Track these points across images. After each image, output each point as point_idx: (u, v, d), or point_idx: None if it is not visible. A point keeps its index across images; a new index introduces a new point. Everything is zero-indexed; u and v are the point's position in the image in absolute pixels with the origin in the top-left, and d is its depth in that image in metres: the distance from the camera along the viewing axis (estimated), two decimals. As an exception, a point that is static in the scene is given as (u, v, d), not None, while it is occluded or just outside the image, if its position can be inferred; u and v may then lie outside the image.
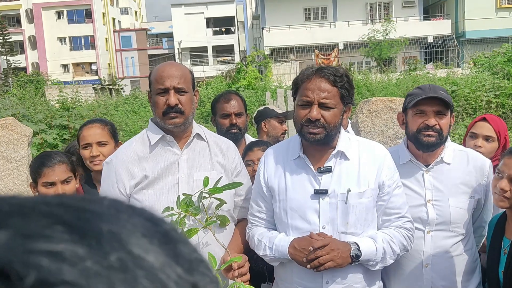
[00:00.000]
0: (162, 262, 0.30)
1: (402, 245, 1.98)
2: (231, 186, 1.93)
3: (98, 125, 2.58)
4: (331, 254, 1.84)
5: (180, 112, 1.98)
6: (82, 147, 2.53)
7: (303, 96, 1.89)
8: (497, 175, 2.06)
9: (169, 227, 0.34)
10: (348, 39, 30.45)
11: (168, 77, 1.98)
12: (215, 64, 40.81)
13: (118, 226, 0.30)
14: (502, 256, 2.04)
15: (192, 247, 0.34)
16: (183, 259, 0.32)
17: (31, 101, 13.07)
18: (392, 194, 1.99)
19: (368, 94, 13.57)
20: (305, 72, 1.93)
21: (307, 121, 1.88)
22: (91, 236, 0.29)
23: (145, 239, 0.31)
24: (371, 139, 2.93)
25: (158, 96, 1.99)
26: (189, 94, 2.02)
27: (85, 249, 0.28)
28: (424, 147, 2.13)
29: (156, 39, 51.81)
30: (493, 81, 11.61)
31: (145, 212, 0.34)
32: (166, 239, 0.32)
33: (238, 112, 2.91)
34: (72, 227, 0.29)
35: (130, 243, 0.30)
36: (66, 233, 0.28)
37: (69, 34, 46.17)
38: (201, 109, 15.02)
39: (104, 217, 0.31)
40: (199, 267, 0.33)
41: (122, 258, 0.28)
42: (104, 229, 0.30)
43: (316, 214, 1.93)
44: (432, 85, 2.20)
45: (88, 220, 0.30)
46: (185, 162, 2.05)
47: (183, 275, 0.30)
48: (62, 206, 0.31)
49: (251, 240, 2.09)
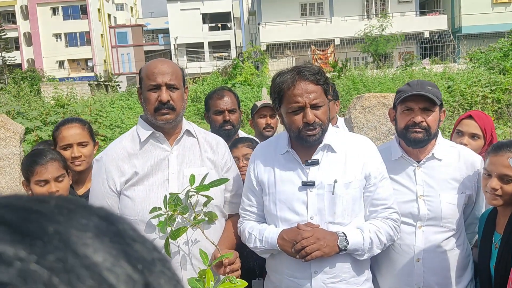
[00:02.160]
0: (111, 261, 0.29)
1: (388, 235, 2.01)
2: (218, 182, 1.93)
3: (77, 125, 2.52)
4: (317, 244, 1.87)
5: (171, 109, 1.99)
6: (62, 148, 2.47)
7: (293, 103, 1.91)
8: (485, 175, 2.06)
9: (126, 226, 0.33)
10: (344, 34, 30.45)
11: (160, 74, 1.98)
12: (212, 60, 40.76)
13: (66, 226, 0.30)
14: (493, 251, 2.05)
15: (151, 246, 0.33)
16: (136, 259, 0.31)
17: (26, 98, 13.02)
18: (378, 186, 2.02)
19: (364, 90, 13.57)
20: (284, 79, 1.93)
21: (305, 126, 1.91)
22: (34, 236, 0.28)
23: (95, 239, 0.30)
24: (364, 135, 2.93)
25: (150, 93, 1.99)
26: (180, 91, 2.03)
27: (26, 249, 0.27)
28: (412, 144, 2.15)
29: (152, 35, 51.67)
30: (489, 76, 11.64)
31: (102, 211, 0.33)
32: (119, 238, 0.31)
33: (231, 108, 2.90)
34: (14, 227, 0.28)
35: (76, 243, 0.29)
36: (8, 234, 0.27)
37: (64, 31, 45.98)
38: (197, 105, 15.00)
39: (51, 217, 0.30)
40: (155, 267, 0.32)
41: (65, 258, 0.27)
42: (50, 229, 0.29)
43: (304, 205, 1.97)
44: (421, 81, 2.20)
45: (33, 220, 0.29)
46: (175, 159, 2.05)
47: (134, 275, 0.29)
48: (7, 207, 0.30)
49: (242, 234, 2.13)
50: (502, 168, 1.96)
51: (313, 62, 25.79)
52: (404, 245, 2.17)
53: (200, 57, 43.19)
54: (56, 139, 2.51)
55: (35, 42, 45.37)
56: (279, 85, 1.94)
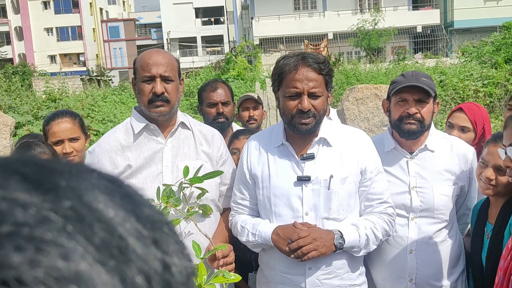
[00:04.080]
0: (122, 217, 0.30)
1: (384, 230, 2.01)
2: (212, 175, 1.90)
3: (68, 119, 2.46)
4: (314, 244, 1.85)
5: (166, 101, 1.96)
6: (52, 143, 2.42)
7: (291, 88, 1.88)
8: (481, 163, 2.07)
9: (134, 191, 0.34)
10: (337, 29, 30.43)
11: (155, 65, 1.94)
12: (205, 55, 40.59)
13: (77, 182, 0.30)
14: (485, 241, 2.06)
15: (157, 211, 0.34)
16: (145, 218, 0.31)
17: (17, 92, 12.91)
18: (374, 180, 2.00)
19: (357, 84, 13.58)
20: (287, 62, 1.90)
21: (299, 112, 1.87)
22: (48, 187, 0.29)
23: (105, 196, 0.31)
24: (357, 126, 2.92)
25: (144, 84, 1.96)
26: (175, 83, 2.00)
27: (39, 197, 0.28)
28: (406, 135, 2.14)
29: (144, 29, 51.34)
30: (481, 70, 11.70)
31: (110, 176, 0.34)
32: (128, 199, 0.32)
33: (224, 101, 2.88)
34: (28, 178, 0.29)
35: (88, 197, 0.30)
36: (22, 183, 0.28)
37: (56, 25, 45.55)
38: (190, 99, 14.95)
39: (63, 173, 0.31)
40: (162, 228, 0.32)
41: (78, 208, 0.28)
42: (62, 183, 0.30)
43: (299, 200, 1.94)
44: (416, 72, 2.19)
45: (46, 174, 0.30)
46: (169, 151, 2.02)
47: (143, 231, 0.30)
48: (22, 161, 0.31)
49: (234, 227, 2.10)
50: (498, 159, 1.97)
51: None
52: (397, 237, 2.17)
53: (193, 52, 42.98)
54: (47, 134, 2.46)
55: (26, 37, 44.94)
56: (281, 67, 1.91)
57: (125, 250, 0.28)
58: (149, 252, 0.30)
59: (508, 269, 1.49)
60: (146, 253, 0.29)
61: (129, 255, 0.28)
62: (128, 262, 0.28)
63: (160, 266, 0.30)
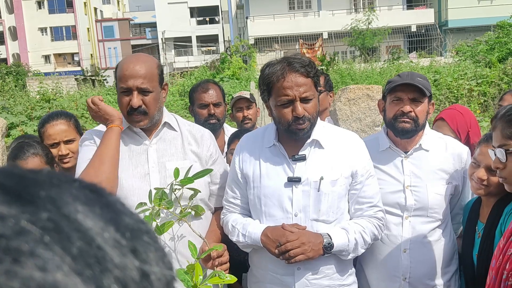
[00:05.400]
0: (100, 227, 0.30)
1: (373, 234, 2.00)
2: (201, 174, 1.90)
3: (63, 121, 2.44)
4: (301, 248, 1.85)
5: (143, 114, 1.94)
6: (48, 145, 2.40)
7: (283, 96, 1.86)
8: (473, 164, 2.08)
9: (115, 199, 0.34)
10: (332, 28, 30.45)
11: (131, 77, 1.89)
12: (200, 54, 40.52)
13: (58, 193, 0.31)
14: (476, 240, 2.07)
15: (138, 219, 0.34)
16: (124, 227, 0.32)
17: (11, 92, 12.85)
18: (365, 184, 2.00)
19: (352, 84, 13.59)
20: (273, 70, 1.87)
21: (295, 119, 1.87)
22: (27, 198, 0.29)
23: (85, 206, 0.31)
24: (349, 127, 2.93)
25: (122, 95, 1.94)
26: (154, 94, 1.94)
27: (18, 209, 0.28)
28: (400, 134, 2.15)
29: (139, 29, 51.19)
30: (475, 69, 11.74)
31: (92, 185, 0.34)
32: (108, 209, 0.32)
33: (216, 102, 2.87)
34: (7, 190, 0.29)
35: (67, 208, 0.30)
36: (1, 195, 0.29)
37: (50, 24, 45.34)
38: (185, 99, 14.91)
39: (43, 185, 0.31)
40: (142, 236, 0.33)
41: (56, 219, 0.28)
42: (42, 194, 0.30)
43: (289, 201, 1.94)
44: (411, 72, 2.21)
45: (26, 185, 0.30)
46: (154, 152, 2.02)
47: (122, 240, 0.31)
48: (1, 173, 0.32)
49: (225, 226, 2.10)
50: (490, 159, 1.98)
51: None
52: (391, 236, 2.18)
53: (188, 51, 42.89)
54: (42, 136, 2.44)
55: (20, 37, 44.71)
56: (268, 77, 1.88)
57: (102, 259, 0.28)
58: (127, 261, 0.30)
59: (500, 269, 1.50)
60: (123, 262, 0.30)
61: (106, 265, 0.28)
62: (105, 271, 0.28)
63: (138, 275, 0.30)
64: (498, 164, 1.66)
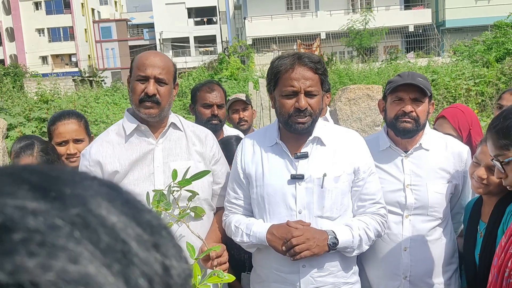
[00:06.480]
0: (124, 222, 0.31)
1: (376, 231, 2.02)
2: (199, 175, 1.89)
3: (74, 120, 2.47)
4: (307, 244, 1.86)
5: (156, 103, 1.97)
6: (57, 144, 2.43)
7: (288, 86, 1.89)
8: (474, 163, 2.08)
9: (133, 197, 0.35)
10: (330, 28, 30.48)
11: (151, 66, 1.96)
12: (197, 55, 40.50)
13: (81, 189, 0.32)
14: (478, 239, 2.07)
15: (156, 216, 0.35)
16: (145, 223, 0.33)
17: (9, 94, 12.83)
18: (367, 181, 2.01)
19: (350, 84, 13.61)
20: (283, 62, 1.91)
21: (295, 111, 1.88)
22: (54, 195, 0.30)
23: (108, 202, 0.32)
24: (349, 126, 2.94)
25: (137, 83, 1.97)
26: (168, 86, 2.01)
27: (47, 205, 0.29)
28: (401, 133, 2.16)
29: (137, 29, 51.15)
30: (473, 69, 11.76)
31: (110, 183, 0.36)
32: (129, 205, 0.34)
33: (220, 103, 2.88)
34: (36, 187, 0.30)
35: (92, 204, 0.31)
36: (30, 191, 0.30)
37: (47, 25, 45.25)
38: (183, 100, 14.91)
39: (67, 182, 0.32)
40: (161, 232, 0.34)
41: (84, 215, 0.30)
42: (67, 191, 0.31)
43: (293, 199, 1.95)
44: (412, 72, 2.22)
45: (51, 182, 0.32)
46: (160, 152, 2.03)
47: (144, 236, 0.32)
48: (27, 170, 0.33)
49: (227, 227, 2.10)
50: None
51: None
52: (392, 234, 2.19)
53: (185, 52, 42.87)
54: (52, 133, 2.46)
55: (17, 38, 44.62)
56: (277, 67, 1.92)
57: (128, 254, 0.30)
58: (150, 255, 0.31)
59: (501, 267, 1.50)
60: (147, 256, 0.31)
61: (132, 259, 0.30)
62: (132, 265, 0.29)
63: (161, 269, 0.31)
64: (499, 174, 1.68)
